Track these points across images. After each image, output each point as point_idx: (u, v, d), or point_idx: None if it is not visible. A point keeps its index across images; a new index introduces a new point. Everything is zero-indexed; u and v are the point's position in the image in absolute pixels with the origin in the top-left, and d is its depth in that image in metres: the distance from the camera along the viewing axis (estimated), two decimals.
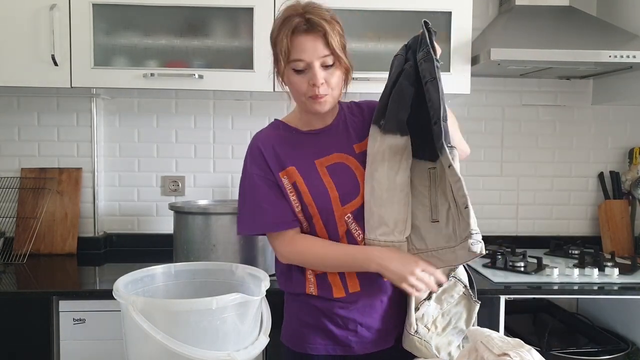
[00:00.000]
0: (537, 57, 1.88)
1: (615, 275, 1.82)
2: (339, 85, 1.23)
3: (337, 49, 1.18)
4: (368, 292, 1.27)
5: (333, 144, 1.28)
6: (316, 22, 1.15)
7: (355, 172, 1.26)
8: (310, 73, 1.18)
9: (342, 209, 1.24)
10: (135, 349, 1.16)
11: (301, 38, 1.16)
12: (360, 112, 1.34)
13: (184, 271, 1.42)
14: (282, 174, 1.26)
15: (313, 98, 1.20)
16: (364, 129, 1.28)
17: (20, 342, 1.61)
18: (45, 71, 1.83)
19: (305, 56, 1.16)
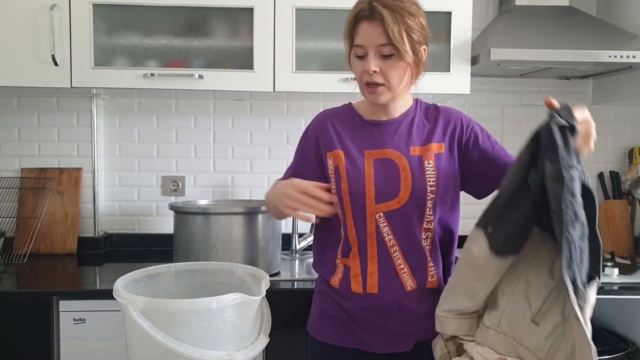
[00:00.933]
0: (537, 57, 1.88)
1: (615, 275, 1.83)
2: (399, 78, 1.20)
3: (397, 40, 1.14)
4: (385, 296, 1.24)
5: (389, 139, 1.26)
6: (378, 9, 1.14)
7: (402, 173, 1.23)
8: (366, 60, 1.18)
9: (375, 207, 1.23)
10: (136, 349, 1.16)
11: (363, 23, 1.17)
12: (435, 117, 1.30)
13: (184, 271, 1.42)
14: (329, 154, 1.28)
15: (367, 86, 1.20)
16: (431, 134, 1.27)
17: (20, 342, 1.61)
18: (45, 71, 1.84)
19: (363, 42, 1.17)
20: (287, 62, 1.87)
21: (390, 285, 1.24)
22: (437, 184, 1.24)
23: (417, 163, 1.24)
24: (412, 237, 1.24)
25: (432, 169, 1.24)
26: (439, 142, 1.27)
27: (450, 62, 1.91)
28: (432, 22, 1.77)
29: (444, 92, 1.94)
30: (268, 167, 2.28)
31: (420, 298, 1.26)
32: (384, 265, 1.24)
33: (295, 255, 2.14)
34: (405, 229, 1.24)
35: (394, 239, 1.23)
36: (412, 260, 1.25)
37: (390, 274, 1.24)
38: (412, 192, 1.23)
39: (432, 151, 1.25)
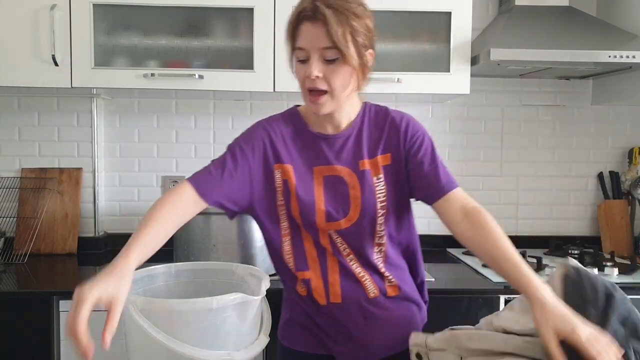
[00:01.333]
0: (537, 57, 1.88)
1: (615, 275, 1.83)
2: (343, 84, 1.11)
3: (341, 43, 1.06)
4: (350, 304, 1.21)
5: (338, 155, 1.19)
6: (321, 9, 1.06)
7: (351, 191, 1.18)
8: (308, 64, 1.10)
9: (326, 224, 1.18)
10: (136, 349, 1.16)
11: (306, 24, 1.09)
12: (383, 124, 1.21)
13: (184, 271, 1.42)
14: (277, 166, 1.19)
15: (310, 93, 1.12)
16: (378, 145, 1.20)
17: (20, 342, 1.61)
18: (45, 71, 1.84)
19: (305, 44, 1.09)
20: (287, 62, 1.86)
21: (353, 292, 1.20)
22: (387, 198, 1.19)
23: (367, 179, 1.18)
24: (364, 252, 1.20)
25: (382, 183, 1.18)
26: (386, 152, 1.20)
27: (450, 62, 1.91)
28: (432, 22, 1.78)
29: (444, 92, 1.94)
30: None
31: (384, 305, 1.23)
32: (345, 274, 1.20)
33: None
34: (357, 244, 1.20)
35: (349, 248, 1.20)
36: (369, 269, 1.22)
37: (352, 281, 1.21)
38: (362, 211, 1.18)
39: (380, 164, 1.19)
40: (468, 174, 2.34)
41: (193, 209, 1.13)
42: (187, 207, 1.12)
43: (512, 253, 1.06)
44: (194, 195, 1.12)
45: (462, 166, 2.33)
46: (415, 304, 1.30)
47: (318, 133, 1.21)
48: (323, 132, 1.21)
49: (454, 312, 1.68)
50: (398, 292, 1.25)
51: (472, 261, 2.03)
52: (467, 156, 2.34)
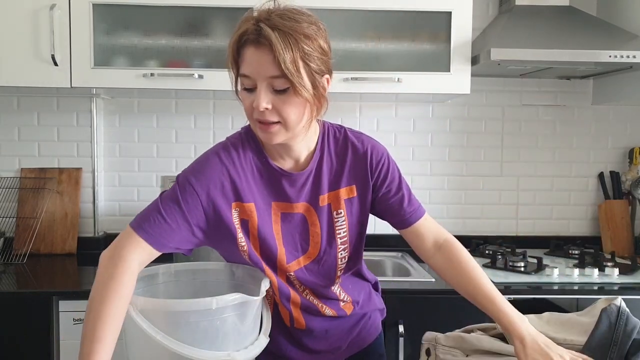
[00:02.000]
0: (537, 57, 1.88)
1: (615, 275, 1.82)
2: (297, 115, 0.98)
3: (291, 71, 0.92)
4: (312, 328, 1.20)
5: (299, 193, 1.10)
6: (266, 32, 0.92)
7: (310, 227, 1.12)
8: (255, 93, 0.97)
9: (286, 266, 1.12)
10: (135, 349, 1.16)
11: (249, 49, 0.96)
12: (344, 152, 1.12)
13: (184, 271, 1.42)
14: (235, 205, 1.06)
15: (260, 123, 0.99)
16: (340, 177, 1.11)
17: (20, 342, 1.61)
18: (45, 71, 1.83)
19: (251, 72, 0.96)
20: None
21: (315, 318, 1.19)
22: (348, 234, 1.14)
23: (327, 215, 1.12)
24: (324, 287, 1.17)
25: (342, 219, 1.12)
26: (349, 184, 1.12)
27: (450, 62, 1.91)
28: (432, 22, 1.78)
29: (444, 92, 1.94)
30: None
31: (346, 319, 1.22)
32: (307, 307, 1.18)
33: None
34: (318, 278, 1.16)
35: (307, 288, 1.16)
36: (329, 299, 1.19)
37: (314, 311, 1.19)
38: (321, 248, 1.13)
39: (342, 197, 1.12)
40: (468, 174, 2.33)
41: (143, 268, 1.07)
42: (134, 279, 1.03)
43: (489, 288, 1.09)
44: (149, 251, 1.03)
45: (462, 166, 2.33)
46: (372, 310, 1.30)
47: (279, 169, 1.09)
48: (283, 167, 1.09)
49: (454, 312, 1.68)
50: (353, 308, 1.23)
51: None
52: (467, 156, 2.33)
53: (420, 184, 2.27)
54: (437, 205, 2.31)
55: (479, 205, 2.34)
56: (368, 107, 2.26)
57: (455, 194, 2.33)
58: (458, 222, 2.32)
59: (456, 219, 2.32)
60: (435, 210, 2.30)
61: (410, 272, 1.92)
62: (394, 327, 1.68)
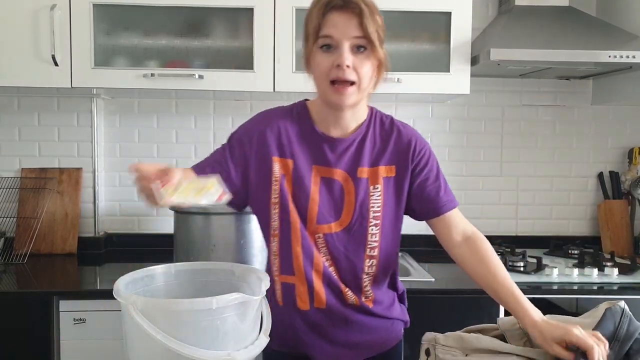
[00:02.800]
0: (537, 57, 1.88)
1: (615, 275, 1.83)
2: (368, 76, 1.09)
3: (372, 34, 1.05)
4: (333, 310, 1.20)
5: (339, 159, 1.17)
6: (354, 0, 1.05)
7: (346, 196, 1.17)
8: (337, 53, 1.06)
9: (315, 226, 1.16)
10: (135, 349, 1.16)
11: (334, 14, 1.06)
12: (389, 135, 1.20)
13: (184, 271, 1.42)
14: (276, 159, 1.16)
15: (335, 85, 1.07)
16: (381, 155, 1.18)
17: (20, 342, 1.61)
18: (45, 71, 1.84)
19: (336, 32, 1.05)
20: (287, 62, 1.87)
21: (337, 300, 1.20)
22: (382, 211, 1.18)
23: (364, 187, 1.17)
24: (354, 260, 1.19)
25: (378, 194, 1.17)
26: (389, 164, 1.18)
27: (450, 62, 1.91)
28: (432, 22, 1.78)
29: (444, 92, 1.94)
30: None
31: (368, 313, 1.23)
32: (329, 282, 1.19)
33: None
34: (347, 252, 1.18)
35: (331, 259, 1.18)
36: (355, 281, 1.20)
37: (337, 290, 1.20)
38: (353, 217, 1.17)
39: (381, 174, 1.17)
40: (468, 174, 2.34)
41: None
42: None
43: (510, 281, 1.13)
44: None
45: (462, 166, 2.33)
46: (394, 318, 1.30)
47: (323, 134, 1.17)
48: (328, 133, 1.18)
49: (454, 312, 1.68)
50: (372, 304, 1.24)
51: None
52: (467, 156, 2.34)
53: None
54: None
55: (479, 205, 2.34)
56: None
57: (455, 194, 2.32)
58: None
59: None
60: None
61: (410, 272, 1.92)
62: None
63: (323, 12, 1.07)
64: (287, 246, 1.18)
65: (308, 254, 1.17)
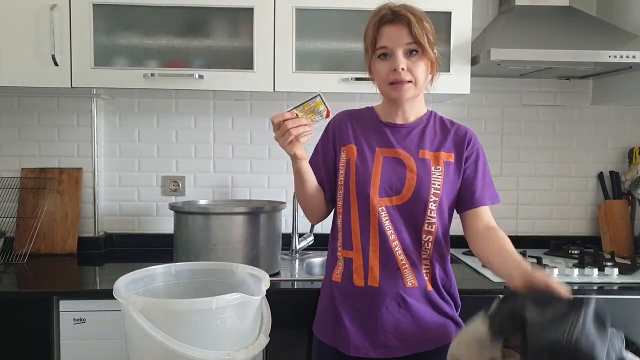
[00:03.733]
0: (537, 57, 1.88)
1: (615, 275, 1.83)
2: (423, 75, 1.26)
3: (421, 39, 1.22)
4: (386, 290, 1.26)
5: (402, 141, 1.32)
6: (401, 13, 1.23)
7: (408, 173, 1.28)
8: (392, 59, 1.24)
9: (378, 200, 1.27)
10: (136, 349, 1.16)
11: (387, 27, 1.24)
12: (448, 129, 1.35)
13: (184, 271, 1.42)
14: (344, 148, 1.34)
15: (394, 84, 1.25)
16: (442, 144, 1.32)
17: (20, 342, 1.61)
18: (45, 71, 1.84)
19: (389, 43, 1.24)
20: (287, 62, 1.87)
21: (391, 278, 1.26)
22: (442, 189, 1.28)
23: (425, 166, 1.28)
24: (412, 235, 1.28)
25: (439, 173, 1.28)
26: (449, 151, 1.31)
27: (450, 62, 1.91)
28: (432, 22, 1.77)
29: (444, 92, 1.94)
30: (268, 167, 2.28)
31: (420, 297, 1.28)
32: (386, 259, 1.27)
33: (295, 255, 2.14)
34: (406, 226, 1.28)
35: (394, 233, 1.27)
36: (412, 257, 1.28)
37: (393, 268, 1.27)
38: (414, 192, 1.27)
39: (442, 158, 1.30)
40: None
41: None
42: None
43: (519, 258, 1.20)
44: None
45: None
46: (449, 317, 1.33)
47: (386, 122, 1.35)
48: (391, 121, 1.34)
49: None
50: (430, 286, 1.29)
51: (472, 261, 2.03)
52: None
53: None
54: None
55: None
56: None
57: None
58: (458, 222, 2.31)
59: (456, 219, 2.31)
60: None
61: None
62: None
63: (377, 27, 1.25)
64: (348, 221, 1.31)
65: (365, 229, 1.28)
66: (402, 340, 1.27)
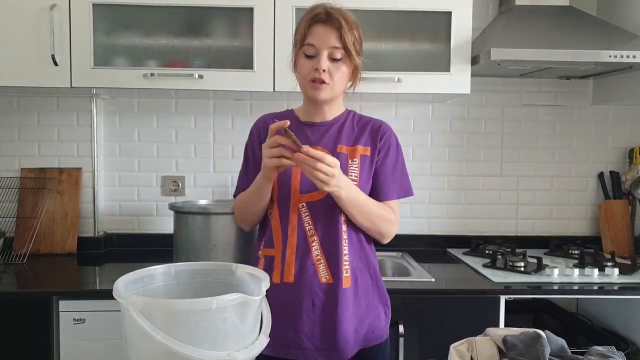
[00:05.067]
0: (537, 57, 1.88)
1: (615, 275, 1.82)
2: (342, 80, 1.30)
3: (349, 45, 1.25)
4: (301, 286, 1.28)
5: (320, 138, 1.35)
6: (334, 16, 1.25)
7: None
8: (316, 59, 1.26)
9: (299, 196, 1.30)
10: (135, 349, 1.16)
11: (318, 26, 1.26)
12: (365, 125, 1.38)
13: (184, 271, 1.42)
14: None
15: (313, 82, 1.27)
16: (359, 138, 1.35)
17: (20, 342, 1.61)
18: (45, 71, 1.83)
19: (317, 42, 1.26)
20: (287, 62, 1.86)
21: (306, 274, 1.28)
22: (358, 180, 1.32)
23: (343, 160, 1.31)
24: (332, 227, 1.30)
25: (355, 165, 1.32)
26: (365, 145, 1.35)
27: (450, 62, 1.91)
28: (432, 22, 1.78)
29: (444, 92, 1.94)
30: None
31: (335, 296, 1.28)
32: (303, 255, 1.29)
33: None
34: (326, 219, 1.30)
35: (313, 228, 1.29)
36: (328, 252, 1.29)
37: (308, 263, 1.29)
38: None
39: (358, 152, 1.33)
40: (468, 174, 2.34)
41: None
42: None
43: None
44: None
45: (462, 166, 2.33)
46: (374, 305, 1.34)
47: (305, 121, 1.38)
48: (310, 120, 1.38)
49: (454, 312, 1.68)
50: (350, 284, 1.30)
51: (472, 261, 2.03)
52: (467, 156, 2.34)
53: (420, 184, 2.27)
54: (437, 205, 2.31)
55: (479, 205, 2.34)
56: (368, 107, 2.26)
57: (455, 194, 2.33)
58: (458, 221, 2.32)
59: (456, 219, 2.32)
60: (435, 210, 2.30)
61: (410, 272, 1.92)
62: (394, 327, 1.67)
63: (309, 24, 1.27)
64: (268, 221, 1.34)
65: (285, 227, 1.30)
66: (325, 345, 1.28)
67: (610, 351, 1.01)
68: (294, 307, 1.28)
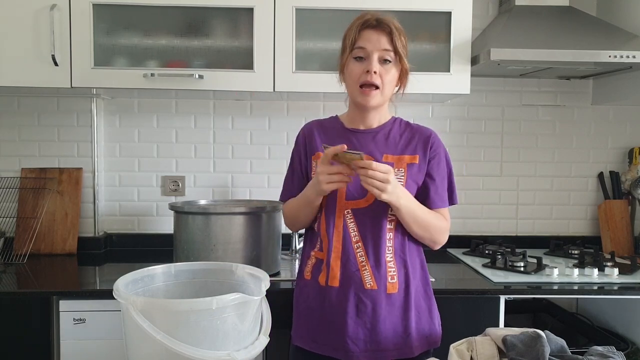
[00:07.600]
0: (537, 57, 1.88)
1: (615, 275, 1.83)
2: (391, 83, 1.32)
3: (399, 49, 1.29)
4: (345, 290, 1.29)
5: (366, 146, 1.35)
6: (385, 21, 1.29)
7: None
8: (367, 62, 1.28)
9: (344, 203, 1.31)
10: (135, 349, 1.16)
11: (368, 31, 1.29)
12: (413, 132, 1.39)
13: (184, 271, 1.42)
14: (313, 157, 1.39)
15: (363, 88, 1.29)
16: (406, 147, 1.36)
17: (20, 342, 1.61)
18: (45, 71, 1.84)
19: (368, 45, 1.28)
20: (287, 62, 1.87)
21: (350, 279, 1.29)
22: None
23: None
24: (377, 234, 1.31)
25: (401, 174, 1.33)
26: (413, 154, 1.36)
27: (450, 62, 1.91)
28: (432, 22, 1.78)
29: (444, 92, 1.94)
30: (268, 167, 2.28)
31: (379, 301, 1.29)
32: (347, 260, 1.30)
33: (295, 255, 2.14)
34: (372, 226, 1.31)
35: (358, 234, 1.31)
36: (373, 258, 1.30)
37: (352, 268, 1.30)
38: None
39: (405, 161, 1.34)
40: (468, 174, 2.34)
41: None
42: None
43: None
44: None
45: (462, 166, 2.33)
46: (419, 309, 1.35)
47: (350, 128, 1.39)
48: (355, 127, 1.39)
49: (454, 312, 1.68)
50: (396, 289, 1.31)
51: (472, 261, 2.03)
52: (467, 156, 2.34)
53: None
54: None
55: (479, 205, 2.34)
56: None
57: None
58: (458, 222, 2.32)
59: (456, 219, 2.32)
60: None
61: None
62: None
63: (359, 29, 1.30)
64: (321, 224, 1.35)
65: (330, 232, 1.32)
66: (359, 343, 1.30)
67: (610, 351, 1.01)
68: (339, 310, 1.30)
